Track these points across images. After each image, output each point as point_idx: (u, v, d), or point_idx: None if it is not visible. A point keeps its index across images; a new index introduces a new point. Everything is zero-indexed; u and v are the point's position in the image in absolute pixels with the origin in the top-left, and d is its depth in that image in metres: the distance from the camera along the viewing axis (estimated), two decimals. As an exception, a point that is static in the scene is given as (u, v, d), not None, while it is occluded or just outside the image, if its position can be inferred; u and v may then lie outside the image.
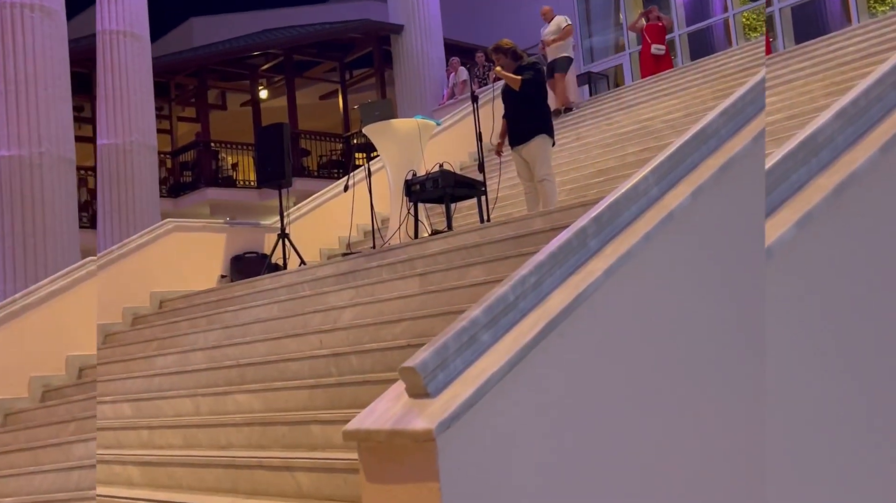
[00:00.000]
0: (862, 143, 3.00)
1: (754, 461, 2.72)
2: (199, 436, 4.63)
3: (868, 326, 3.02)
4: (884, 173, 2.96)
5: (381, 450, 2.06)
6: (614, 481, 2.31)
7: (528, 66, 6.48)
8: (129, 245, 7.86)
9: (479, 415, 2.03)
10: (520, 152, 6.51)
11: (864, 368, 2.98)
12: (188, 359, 5.76)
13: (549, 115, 6.61)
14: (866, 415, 2.96)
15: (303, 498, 3.62)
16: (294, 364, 4.85)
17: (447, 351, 2.16)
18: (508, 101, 6.61)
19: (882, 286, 3.03)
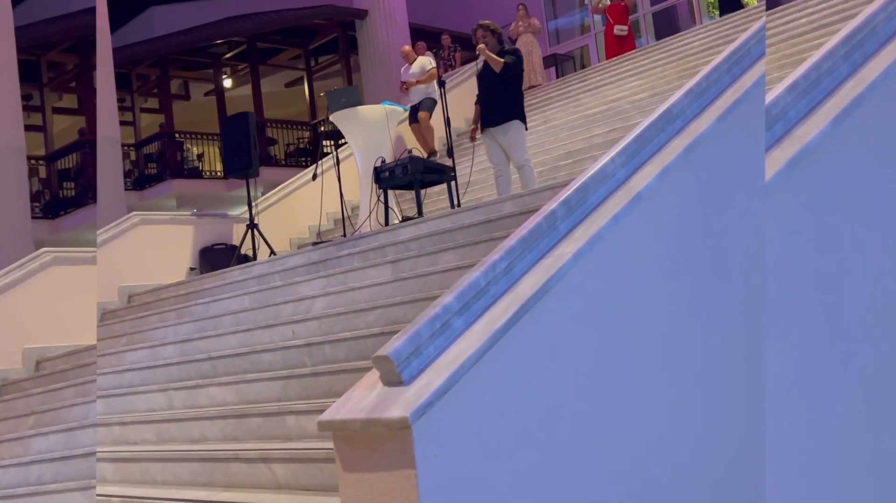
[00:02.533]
0: (705, 114, 3.14)
1: (747, 440, 2.76)
2: (172, 431, 4.60)
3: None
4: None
5: (356, 440, 2.06)
6: (591, 462, 2.33)
7: (510, 52, 6.48)
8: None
9: (454, 401, 2.03)
10: (494, 136, 6.49)
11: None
12: (159, 353, 5.70)
13: (522, 101, 6.61)
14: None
15: (279, 489, 3.61)
16: (267, 355, 4.82)
17: (420, 338, 2.15)
18: (485, 82, 6.58)
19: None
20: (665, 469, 2.59)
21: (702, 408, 2.78)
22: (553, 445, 2.24)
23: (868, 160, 3.14)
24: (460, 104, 10.26)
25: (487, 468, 2.07)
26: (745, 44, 3.44)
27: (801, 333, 2.99)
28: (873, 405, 3.20)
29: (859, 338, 3.16)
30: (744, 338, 2.93)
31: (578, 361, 2.40)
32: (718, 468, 2.78)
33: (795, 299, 3.11)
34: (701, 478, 2.72)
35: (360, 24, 15.39)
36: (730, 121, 3.11)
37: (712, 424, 2.80)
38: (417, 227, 5.88)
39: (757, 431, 2.79)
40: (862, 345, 3.15)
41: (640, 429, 2.53)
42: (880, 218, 3.19)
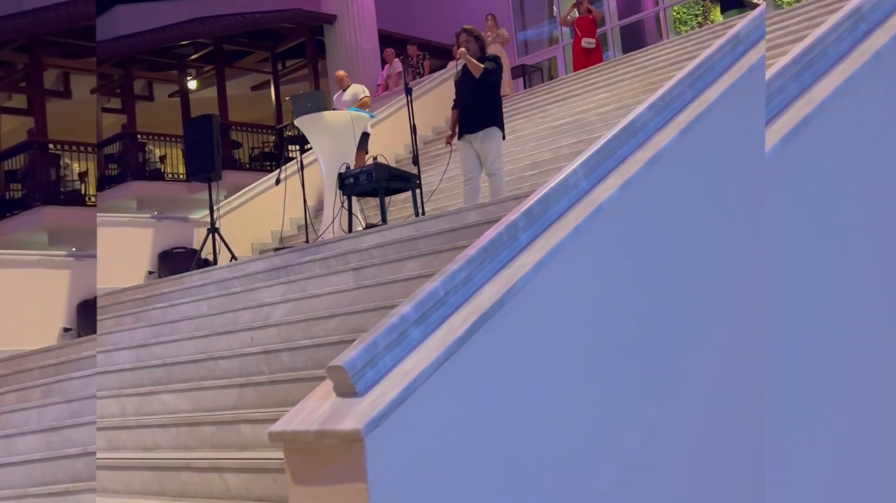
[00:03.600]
0: (668, 127, 3.14)
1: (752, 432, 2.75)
2: (124, 438, 4.49)
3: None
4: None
5: (308, 451, 2.01)
6: (548, 474, 2.31)
7: (490, 58, 6.47)
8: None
9: (409, 413, 1.99)
10: (471, 142, 6.46)
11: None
12: (113, 358, 5.57)
13: (501, 108, 6.61)
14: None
15: (232, 499, 3.53)
16: (223, 362, 4.73)
17: (376, 348, 2.11)
18: (464, 89, 6.56)
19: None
20: (622, 477, 2.57)
21: (675, 416, 2.77)
22: (510, 458, 2.20)
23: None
24: (428, 111, 10.25)
25: (441, 481, 2.03)
26: (709, 59, 3.46)
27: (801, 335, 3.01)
28: (874, 391, 3.22)
29: (861, 325, 3.19)
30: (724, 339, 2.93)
31: (537, 372, 2.37)
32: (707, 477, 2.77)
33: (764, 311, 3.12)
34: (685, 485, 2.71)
35: (329, 28, 15.32)
36: (692, 135, 3.12)
37: (689, 435, 2.79)
38: (381, 234, 5.83)
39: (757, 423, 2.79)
40: (865, 330, 3.18)
41: (599, 439, 2.51)
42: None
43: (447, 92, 10.43)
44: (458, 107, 6.64)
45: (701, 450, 2.81)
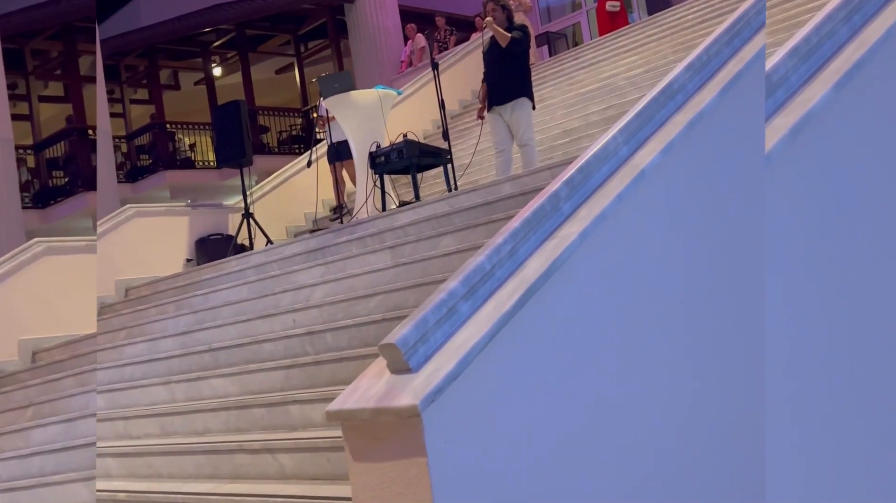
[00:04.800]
0: (707, 88, 3.08)
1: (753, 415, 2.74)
2: (175, 424, 4.57)
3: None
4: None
5: (365, 429, 2.02)
6: (604, 443, 2.31)
7: (518, 27, 6.41)
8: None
9: (464, 387, 2.00)
10: (501, 114, 6.42)
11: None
12: (159, 346, 5.66)
13: (530, 78, 6.55)
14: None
15: (286, 479, 3.58)
16: (268, 345, 4.79)
17: (427, 324, 2.12)
18: (491, 60, 6.50)
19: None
20: (677, 448, 2.56)
21: (711, 385, 2.75)
22: (566, 427, 2.21)
23: (874, 124, 3.10)
24: (453, 85, 10.19)
25: (499, 453, 2.04)
26: (745, 14, 3.39)
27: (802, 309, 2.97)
28: (874, 386, 3.17)
29: (865, 312, 3.14)
30: (748, 312, 2.90)
31: (587, 342, 2.36)
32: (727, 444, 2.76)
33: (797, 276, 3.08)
34: (710, 457, 2.70)
35: (350, 7, 15.25)
36: (732, 94, 3.06)
37: (719, 400, 2.77)
38: (415, 211, 5.83)
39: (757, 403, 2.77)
40: (868, 319, 3.13)
41: (653, 409, 2.50)
42: (885, 189, 3.16)
43: (472, 65, 10.36)
44: (487, 79, 6.58)
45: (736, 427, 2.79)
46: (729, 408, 2.78)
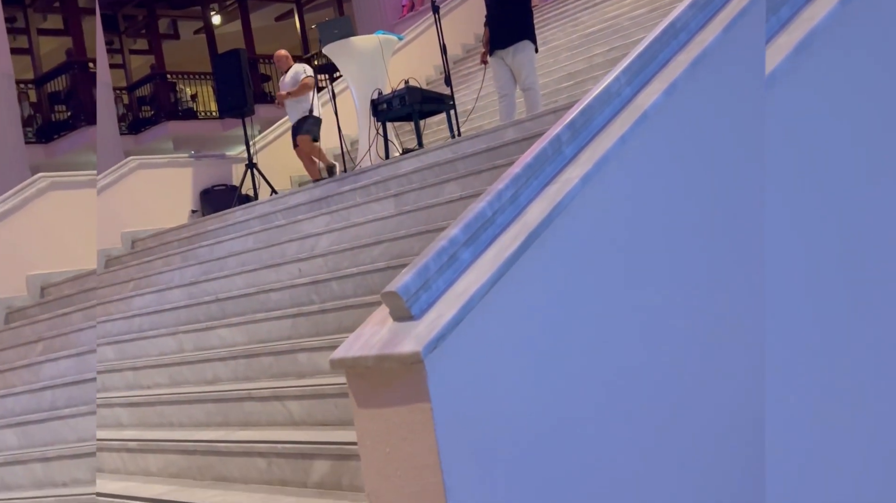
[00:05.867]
0: (710, 25, 2.96)
1: (754, 356, 2.75)
2: (184, 373, 4.63)
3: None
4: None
5: (369, 376, 2.04)
6: (606, 387, 2.32)
7: None
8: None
9: (466, 333, 2.00)
10: (503, 58, 6.32)
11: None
12: (166, 297, 5.71)
13: (532, 21, 6.43)
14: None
15: (295, 425, 3.64)
16: (274, 294, 4.82)
17: (428, 272, 2.11)
18: (494, 2, 6.39)
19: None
20: (682, 390, 2.57)
21: (713, 325, 2.75)
22: (567, 372, 2.22)
23: (883, 39, 3.04)
24: (455, 29, 10.04)
25: (502, 397, 2.05)
26: (750, -50, 3.29)
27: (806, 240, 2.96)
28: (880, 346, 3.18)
29: (868, 236, 3.13)
30: (750, 252, 2.89)
31: (591, 286, 2.36)
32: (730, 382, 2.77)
33: (800, 204, 3.06)
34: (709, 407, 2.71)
35: (349, -49, 14.94)
36: (735, 31, 3.00)
37: (722, 337, 2.77)
38: (418, 158, 5.80)
39: (758, 337, 2.78)
40: (871, 241, 3.12)
41: (657, 352, 2.51)
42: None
43: (475, 7, 10.17)
44: (489, 22, 6.47)
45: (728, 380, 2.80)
46: (731, 345, 2.79)
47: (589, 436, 2.23)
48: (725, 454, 2.67)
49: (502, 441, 2.02)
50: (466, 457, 1.93)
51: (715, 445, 2.63)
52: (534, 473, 2.06)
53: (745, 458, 2.69)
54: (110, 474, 4.06)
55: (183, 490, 3.50)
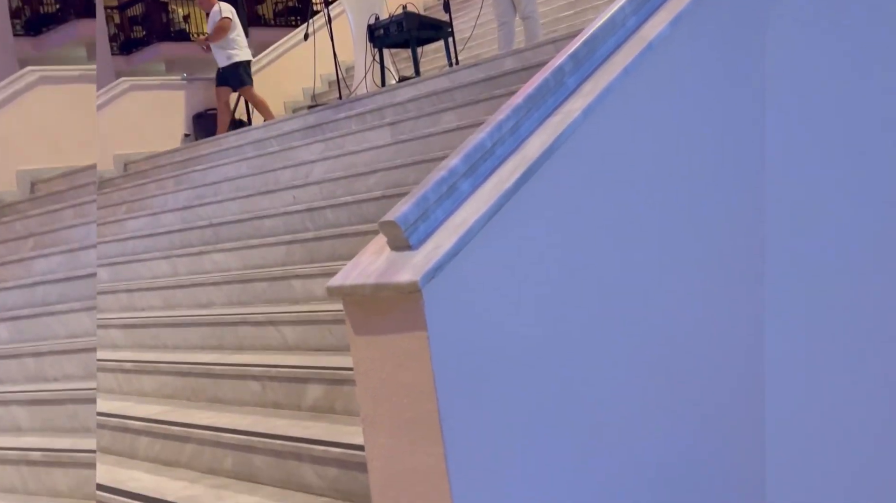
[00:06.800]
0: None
1: (755, 292, 2.78)
2: (178, 297, 4.65)
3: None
4: None
5: (366, 304, 2.05)
6: (602, 322, 2.34)
7: None
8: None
9: (464, 264, 2.01)
10: None
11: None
12: (160, 220, 5.69)
13: None
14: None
15: (289, 350, 3.67)
16: (268, 221, 4.81)
17: (427, 202, 2.10)
18: None
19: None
20: (683, 328, 2.60)
21: (713, 261, 2.77)
22: (565, 304, 2.24)
23: None
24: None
25: (498, 329, 2.07)
26: None
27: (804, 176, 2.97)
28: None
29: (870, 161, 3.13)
30: (751, 186, 2.89)
31: (590, 219, 2.36)
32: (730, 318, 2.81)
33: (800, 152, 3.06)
34: (709, 345, 2.75)
35: None
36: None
37: (720, 273, 2.80)
38: (415, 87, 5.72)
39: (759, 273, 2.81)
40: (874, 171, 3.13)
41: (655, 292, 2.53)
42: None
43: (475, -69, 9.89)
44: None
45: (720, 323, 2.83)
46: (732, 279, 2.81)
47: (582, 370, 2.26)
48: (725, 392, 2.72)
49: (497, 370, 2.05)
50: (461, 385, 1.95)
51: (715, 386, 2.68)
52: (527, 402, 2.10)
53: (745, 393, 2.75)
54: (105, 394, 4.11)
55: (178, 411, 3.55)
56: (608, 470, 2.29)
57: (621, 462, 2.34)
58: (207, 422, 3.28)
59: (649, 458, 2.43)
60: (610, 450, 2.30)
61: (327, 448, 2.72)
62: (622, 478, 2.33)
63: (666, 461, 2.49)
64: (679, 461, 2.55)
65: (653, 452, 2.45)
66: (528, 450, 2.07)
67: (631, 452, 2.37)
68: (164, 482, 3.14)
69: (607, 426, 2.31)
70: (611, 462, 2.31)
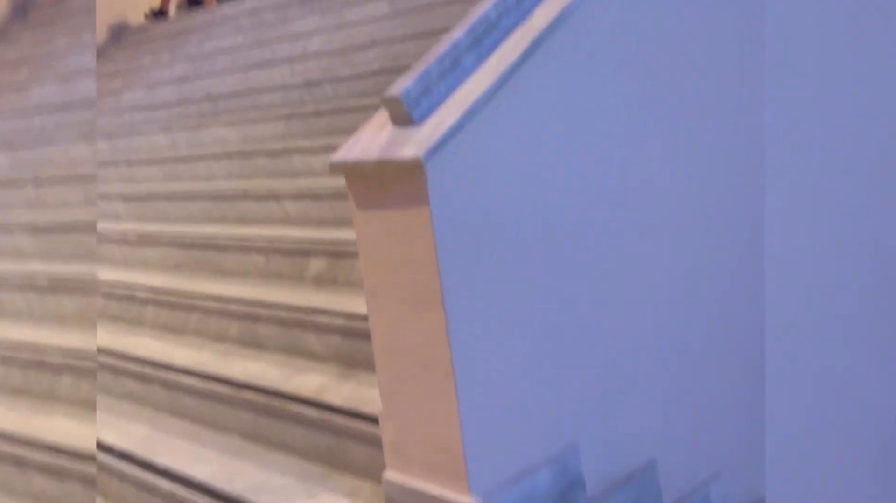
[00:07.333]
0: None
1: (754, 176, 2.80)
2: (179, 170, 4.66)
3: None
4: None
5: (369, 179, 2.08)
6: (605, 203, 2.37)
7: None
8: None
9: (467, 140, 2.02)
10: None
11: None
12: (156, 93, 5.63)
13: None
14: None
15: (291, 223, 3.73)
16: (267, 94, 4.76)
17: (430, 76, 2.10)
18: None
19: None
20: (682, 219, 2.64)
21: (714, 153, 2.78)
22: (565, 184, 2.26)
23: None
24: None
25: (499, 205, 2.11)
26: None
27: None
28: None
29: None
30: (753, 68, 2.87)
31: (595, 97, 2.35)
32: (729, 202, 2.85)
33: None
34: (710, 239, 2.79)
35: None
36: None
37: (722, 173, 2.82)
38: (416, -46, 5.52)
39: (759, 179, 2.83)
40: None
41: (660, 170, 2.54)
42: None
43: None
44: None
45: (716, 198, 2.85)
46: (732, 182, 2.84)
47: (580, 246, 2.31)
48: (724, 261, 2.79)
49: (497, 244, 2.10)
50: (462, 258, 2.01)
51: (718, 275, 2.74)
52: (525, 276, 2.16)
53: (745, 289, 2.82)
54: (110, 264, 4.20)
55: (182, 281, 3.64)
56: (602, 343, 2.38)
57: (615, 335, 2.43)
58: (212, 291, 3.37)
59: (645, 331, 2.53)
60: (604, 325, 2.39)
61: (331, 317, 2.81)
62: (616, 350, 2.43)
63: (663, 330, 2.59)
64: (677, 334, 2.64)
65: (650, 324, 2.54)
66: (524, 319, 2.15)
67: (626, 327, 2.46)
68: (171, 348, 3.26)
69: (602, 301, 2.39)
70: (606, 335, 2.40)
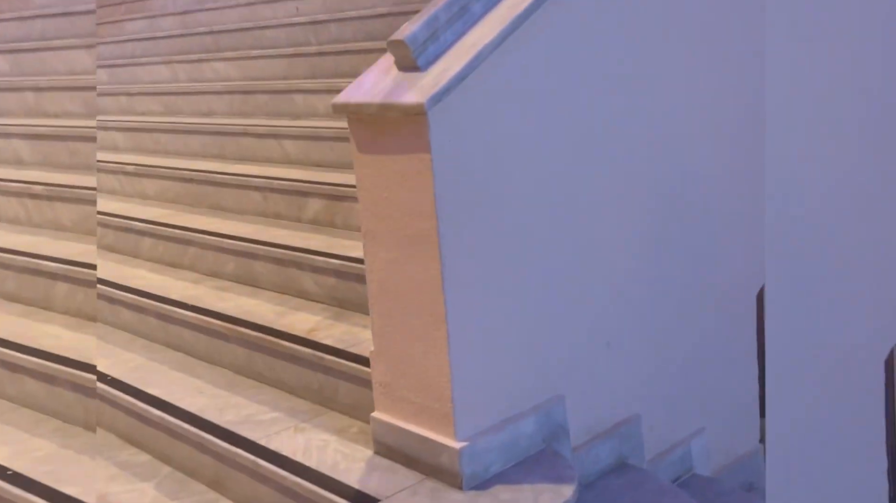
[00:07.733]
0: None
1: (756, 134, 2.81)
2: (179, 104, 4.63)
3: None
4: None
5: (371, 123, 2.08)
6: (608, 158, 2.38)
7: None
8: None
9: (472, 89, 2.01)
10: None
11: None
12: (158, 24, 5.56)
13: None
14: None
15: (290, 163, 3.73)
16: (270, 32, 4.72)
17: (437, 22, 2.08)
18: None
19: None
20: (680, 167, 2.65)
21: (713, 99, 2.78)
22: (570, 138, 2.26)
23: None
24: None
25: (501, 155, 2.11)
26: None
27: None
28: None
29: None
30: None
31: (606, 50, 2.34)
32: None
33: None
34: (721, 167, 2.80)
35: None
36: None
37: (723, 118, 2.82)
38: None
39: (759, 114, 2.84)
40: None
41: (672, 120, 2.54)
42: None
43: None
44: None
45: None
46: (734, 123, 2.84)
47: (576, 204, 2.32)
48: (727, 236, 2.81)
49: (496, 195, 2.11)
50: (460, 205, 2.02)
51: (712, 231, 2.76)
52: (522, 229, 2.18)
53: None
54: (108, 194, 4.20)
55: (180, 215, 3.65)
56: (592, 296, 2.41)
57: (604, 289, 2.46)
58: (210, 227, 3.38)
59: (635, 286, 2.55)
60: (594, 278, 2.41)
61: (327, 259, 2.84)
62: (605, 304, 2.46)
63: (653, 286, 2.62)
64: (667, 291, 2.67)
65: (641, 280, 2.57)
66: (517, 269, 2.17)
67: (616, 282, 2.49)
68: (168, 282, 3.29)
69: (593, 255, 2.41)
70: (595, 289, 2.42)
